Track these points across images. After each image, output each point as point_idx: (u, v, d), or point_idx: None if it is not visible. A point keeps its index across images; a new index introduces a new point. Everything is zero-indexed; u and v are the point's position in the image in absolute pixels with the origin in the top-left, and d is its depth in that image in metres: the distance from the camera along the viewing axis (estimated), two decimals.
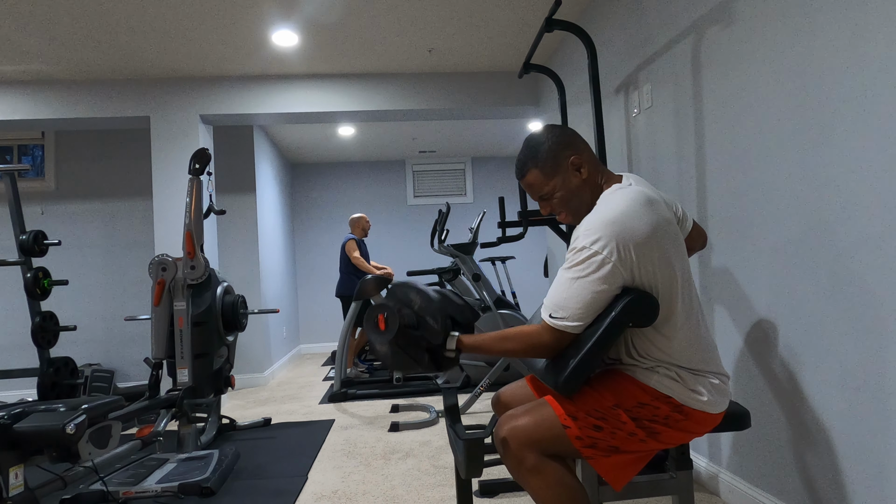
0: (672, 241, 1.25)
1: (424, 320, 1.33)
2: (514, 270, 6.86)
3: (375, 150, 6.55)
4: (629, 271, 1.19)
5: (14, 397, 4.41)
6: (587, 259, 1.19)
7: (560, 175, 1.33)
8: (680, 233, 1.32)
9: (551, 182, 1.34)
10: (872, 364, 1.40)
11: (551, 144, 1.33)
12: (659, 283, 1.21)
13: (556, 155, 1.33)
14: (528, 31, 3.47)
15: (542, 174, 1.35)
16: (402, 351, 1.33)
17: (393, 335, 1.31)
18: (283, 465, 2.67)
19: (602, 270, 1.18)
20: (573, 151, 1.33)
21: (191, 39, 3.37)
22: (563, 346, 1.24)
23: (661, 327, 1.24)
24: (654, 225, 1.20)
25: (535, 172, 1.35)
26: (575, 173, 1.32)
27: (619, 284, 1.20)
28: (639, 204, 1.21)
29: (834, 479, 1.54)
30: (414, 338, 1.33)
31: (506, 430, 1.26)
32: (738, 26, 1.87)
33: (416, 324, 1.34)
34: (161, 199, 3.87)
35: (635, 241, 1.18)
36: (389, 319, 1.33)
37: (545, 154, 1.33)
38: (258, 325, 4.81)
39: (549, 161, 1.33)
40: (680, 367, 1.25)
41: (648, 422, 1.23)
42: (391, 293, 1.40)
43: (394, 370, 1.38)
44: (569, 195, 1.34)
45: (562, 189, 1.34)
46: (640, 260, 1.19)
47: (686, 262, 1.30)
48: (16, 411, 1.79)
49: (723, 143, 1.98)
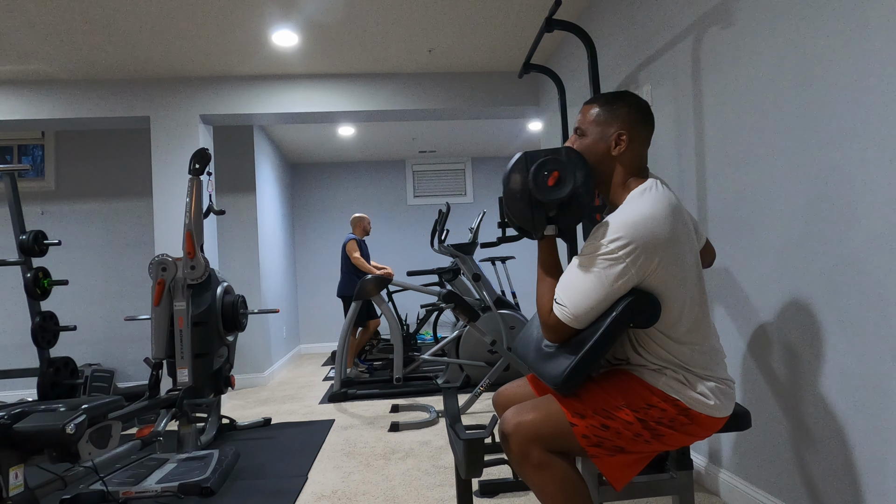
0: (689, 249, 1.25)
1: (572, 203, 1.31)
2: (514, 270, 6.86)
3: (375, 150, 6.55)
4: (641, 275, 1.19)
5: (14, 397, 4.41)
6: (602, 255, 1.20)
7: (602, 128, 1.34)
8: (696, 244, 1.32)
9: (593, 126, 1.35)
10: (872, 364, 1.40)
11: (626, 109, 1.33)
12: (671, 288, 1.21)
13: (616, 115, 1.33)
14: (528, 31, 3.47)
15: (596, 114, 1.35)
16: (534, 208, 1.30)
17: (549, 196, 1.28)
18: (283, 465, 2.67)
19: (614, 269, 1.18)
20: (628, 129, 1.32)
21: (191, 39, 3.37)
22: (560, 334, 1.26)
23: (671, 331, 1.24)
24: (674, 232, 1.20)
25: (595, 107, 1.36)
26: (611, 141, 1.32)
27: (627, 287, 1.20)
28: (663, 209, 1.21)
29: (834, 479, 1.54)
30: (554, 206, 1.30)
31: (512, 426, 1.27)
32: (738, 26, 1.87)
33: (569, 201, 1.31)
34: (161, 199, 3.87)
35: (655, 246, 1.18)
36: (566, 180, 1.28)
37: (615, 107, 1.33)
38: (258, 325, 4.81)
39: (609, 113, 1.33)
40: (687, 371, 1.25)
41: (655, 424, 1.24)
42: (576, 157, 1.32)
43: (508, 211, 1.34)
44: (590, 149, 1.34)
45: (591, 138, 1.35)
46: (655, 265, 1.19)
47: (700, 270, 1.30)
48: (16, 411, 1.79)
49: (723, 142, 1.98)
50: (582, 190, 1.31)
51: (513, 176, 1.31)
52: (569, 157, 1.31)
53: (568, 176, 1.28)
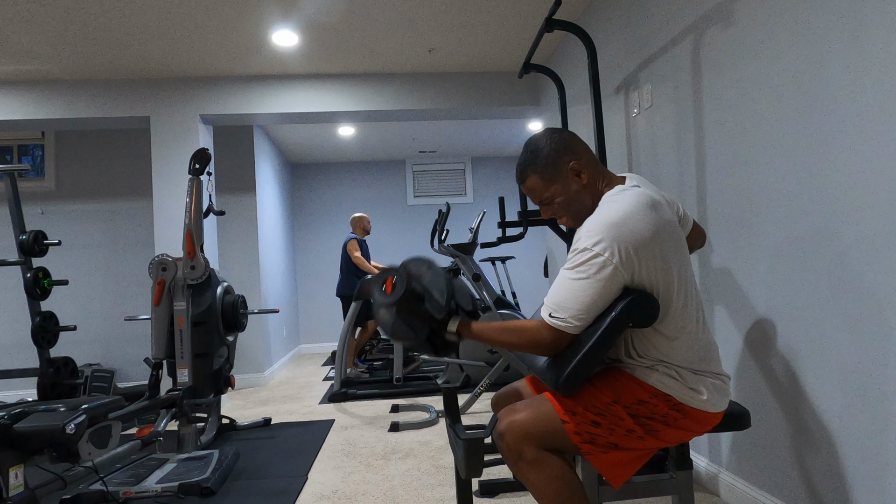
0: (674, 242, 1.25)
1: (431, 295, 1.32)
2: (514, 270, 6.85)
3: (375, 150, 6.54)
4: (630, 273, 1.19)
5: (14, 397, 4.41)
6: (588, 260, 1.19)
7: (560, 181, 1.33)
8: (682, 234, 1.32)
9: (551, 188, 1.34)
10: (872, 364, 1.40)
11: (550, 150, 1.32)
12: (659, 284, 1.22)
13: (555, 161, 1.32)
14: (528, 31, 3.47)
15: (541, 180, 1.34)
16: (402, 319, 1.31)
17: (397, 299, 1.29)
18: (283, 465, 2.67)
19: (603, 272, 1.18)
20: (572, 156, 1.32)
21: (191, 39, 3.37)
22: (561, 345, 1.24)
23: (660, 328, 1.24)
24: (656, 227, 1.20)
25: (534, 178, 1.35)
26: (574, 178, 1.32)
27: (619, 286, 1.20)
28: (641, 206, 1.21)
29: (834, 479, 1.54)
30: (417, 308, 1.31)
31: (505, 424, 1.27)
32: (738, 26, 1.87)
33: (422, 296, 1.32)
34: (161, 199, 3.87)
35: (637, 243, 1.18)
36: (397, 283, 1.30)
37: (544, 160, 1.33)
38: (258, 325, 4.81)
39: (549, 167, 1.33)
40: (680, 367, 1.25)
41: (647, 419, 1.23)
42: (405, 263, 1.37)
43: (390, 337, 1.36)
44: (568, 200, 1.33)
45: (562, 194, 1.33)
46: (641, 262, 1.19)
47: (688, 263, 1.30)
48: (16, 411, 1.79)
49: (723, 143, 1.98)
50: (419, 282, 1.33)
51: (379, 310, 1.35)
52: (402, 265, 1.36)
53: (398, 279, 1.31)
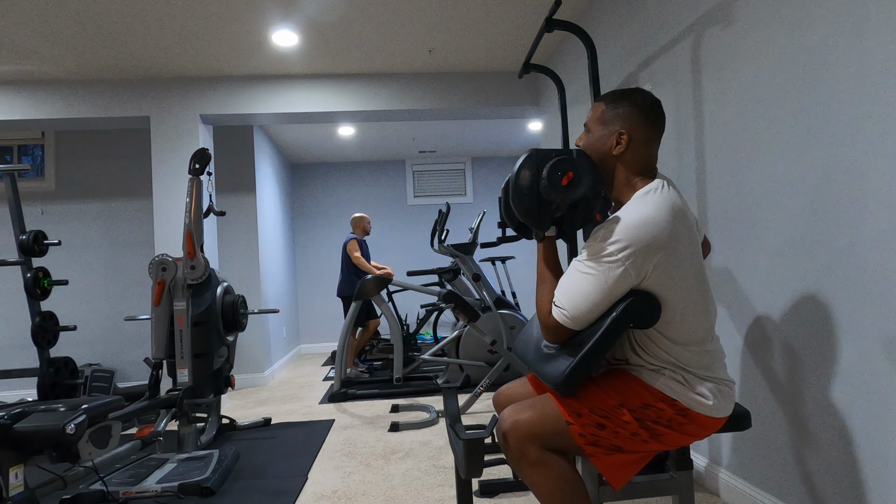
0: (691, 252, 1.24)
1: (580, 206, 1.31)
2: (514, 270, 6.86)
3: (375, 150, 6.55)
4: (640, 278, 1.19)
5: (14, 397, 4.41)
6: (602, 258, 1.20)
7: (604, 127, 1.34)
8: (699, 244, 1.32)
9: (597, 123, 1.36)
10: (873, 363, 1.40)
11: (629, 107, 1.32)
12: (670, 291, 1.21)
13: (619, 115, 1.33)
14: (528, 31, 3.47)
15: (601, 112, 1.36)
16: (541, 206, 1.29)
17: (563, 196, 1.26)
18: (283, 465, 2.67)
19: (613, 272, 1.18)
20: (630, 128, 1.31)
21: (191, 39, 3.37)
22: (559, 335, 1.26)
23: (672, 333, 1.24)
24: (675, 235, 1.20)
25: (601, 104, 1.37)
26: (612, 140, 1.32)
27: (626, 289, 1.20)
28: (665, 212, 1.21)
29: (834, 478, 1.54)
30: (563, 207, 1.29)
31: (509, 424, 1.27)
32: (738, 26, 1.87)
33: (576, 204, 1.31)
34: (161, 199, 3.87)
35: (654, 250, 1.18)
36: (581, 181, 1.26)
37: (619, 105, 1.33)
38: (258, 325, 4.81)
39: (612, 111, 1.34)
40: (686, 371, 1.25)
41: (652, 423, 1.23)
42: (587, 160, 1.32)
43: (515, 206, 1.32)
44: (592, 148, 1.35)
45: (594, 136, 1.36)
46: (655, 268, 1.19)
47: (702, 271, 1.29)
48: (16, 411, 1.79)
49: (723, 142, 1.98)
50: (592, 193, 1.31)
51: (522, 172, 1.29)
52: (580, 158, 1.31)
53: (582, 177, 1.27)
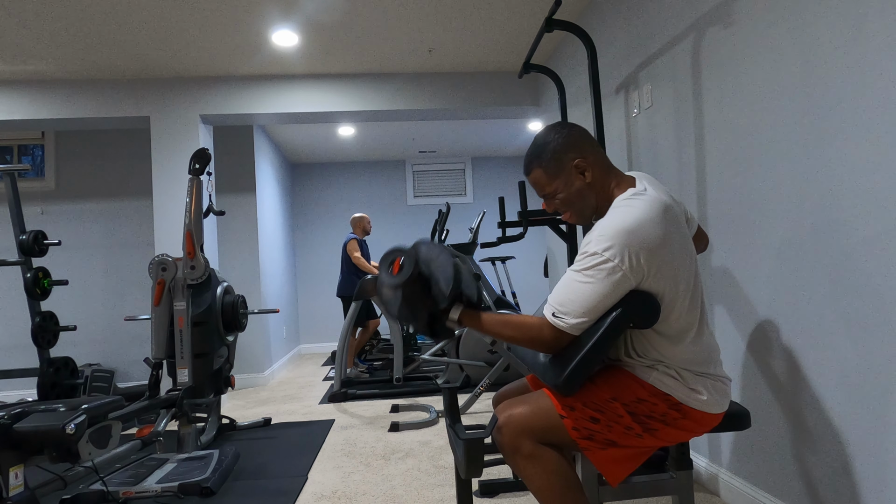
0: (682, 248, 1.25)
1: (438, 281, 1.31)
2: (514, 270, 6.86)
3: (375, 150, 6.55)
4: (638, 280, 1.19)
5: (14, 397, 4.41)
6: (597, 265, 1.18)
7: (563, 176, 1.32)
8: (690, 239, 1.31)
9: (554, 183, 1.34)
10: (872, 364, 1.40)
11: (556, 145, 1.32)
12: (666, 289, 1.21)
13: (559, 156, 1.32)
14: (528, 31, 3.47)
15: (545, 174, 1.34)
16: (405, 300, 1.31)
17: (403, 280, 1.29)
18: (283, 465, 2.67)
19: (611, 278, 1.18)
20: (577, 154, 1.31)
21: (191, 39, 3.37)
22: (561, 344, 1.24)
23: (663, 330, 1.24)
24: (667, 234, 1.20)
25: (538, 172, 1.35)
26: (578, 176, 1.31)
27: (625, 291, 1.20)
28: (654, 212, 1.21)
29: (834, 479, 1.54)
30: (421, 293, 1.31)
31: (503, 419, 1.27)
32: (738, 26, 1.87)
33: (428, 281, 1.32)
34: (161, 199, 3.87)
35: (648, 251, 1.17)
36: (405, 264, 1.31)
37: (549, 154, 1.33)
38: (258, 325, 4.81)
39: (553, 162, 1.32)
40: (680, 367, 1.25)
41: (646, 418, 1.24)
42: (417, 245, 1.36)
43: (390, 316, 1.37)
44: (571, 197, 1.33)
45: (564, 191, 1.33)
46: (650, 269, 1.19)
47: (695, 268, 1.29)
48: (16, 411, 1.79)
49: (723, 143, 1.98)
50: (427, 266, 1.33)
51: (382, 288, 1.35)
52: (413, 247, 1.35)
53: (405, 259, 1.31)
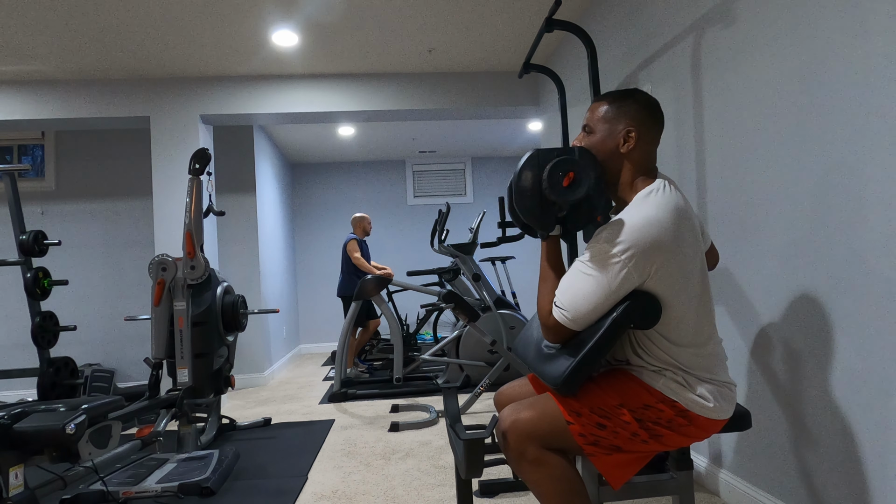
0: (694, 253, 1.24)
1: (583, 205, 1.30)
2: (514, 270, 6.86)
3: (375, 150, 6.55)
4: (642, 279, 1.19)
5: (14, 397, 4.41)
6: (604, 259, 1.19)
7: (611, 126, 1.33)
8: (702, 245, 1.30)
9: (601, 124, 1.34)
10: (875, 364, 1.40)
11: (635, 106, 1.32)
12: (673, 292, 1.21)
13: (626, 113, 1.32)
14: (528, 31, 3.47)
15: (605, 111, 1.34)
16: (543, 206, 1.28)
17: (564, 197, 1.25)
18: (283, 465, 2.67)
19: (618, 275, 1.18)
20: (638, 127, 1.31)
21: (191, 39, 3.37)
22: (560, 335, 1.26)
23: (672, 335, 1.24)
24: (678, 236, 1.19)
25: (605, 105, 1.35)
26: (620, 139, 1.31)
27: (628, 290, 1.20)
28: (669, 213, 1.20)
29: (834, 479, 1.54)
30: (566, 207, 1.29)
31: (508, 423, 1.27)
32: (738, 26, 1.87)
33: (581, 203, 1.30)
34: (161, 199, 3.87)
35: (657, 251, 1.17)
36: (582, 181, 1.25)
37: (625, 105, 1.33)
38: (258, 325, 4.81)
39: (620, 110, 1.32)
40: (687, 373, 1.25)
41: (652, 424, 1.23)
42: (590, 158, 1.31)
43: (517, 208, 1.32)
44: (598, 146, 1.34)
45: (600, 137, 1.34)
46: (658, 270, 1.18)
47: (705, 274, 1.29)
48: (16, 411, 1.79)
49: (723, 142, 1.98)
50: (595, 192, 1.30)
51: (524, 173, 1.29)
52: (582, 157, 1.29)
53: (583, 177, 1.26)
